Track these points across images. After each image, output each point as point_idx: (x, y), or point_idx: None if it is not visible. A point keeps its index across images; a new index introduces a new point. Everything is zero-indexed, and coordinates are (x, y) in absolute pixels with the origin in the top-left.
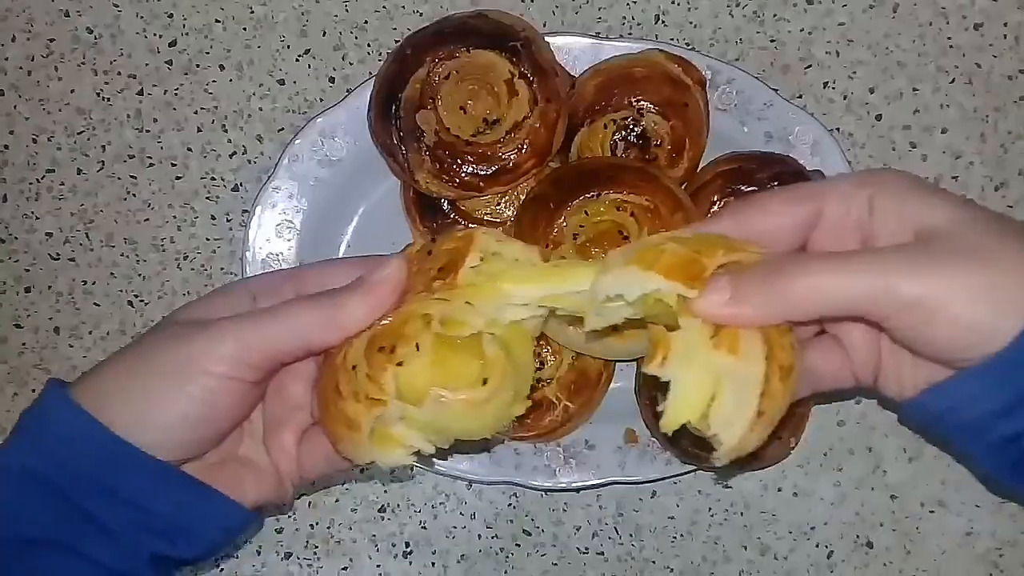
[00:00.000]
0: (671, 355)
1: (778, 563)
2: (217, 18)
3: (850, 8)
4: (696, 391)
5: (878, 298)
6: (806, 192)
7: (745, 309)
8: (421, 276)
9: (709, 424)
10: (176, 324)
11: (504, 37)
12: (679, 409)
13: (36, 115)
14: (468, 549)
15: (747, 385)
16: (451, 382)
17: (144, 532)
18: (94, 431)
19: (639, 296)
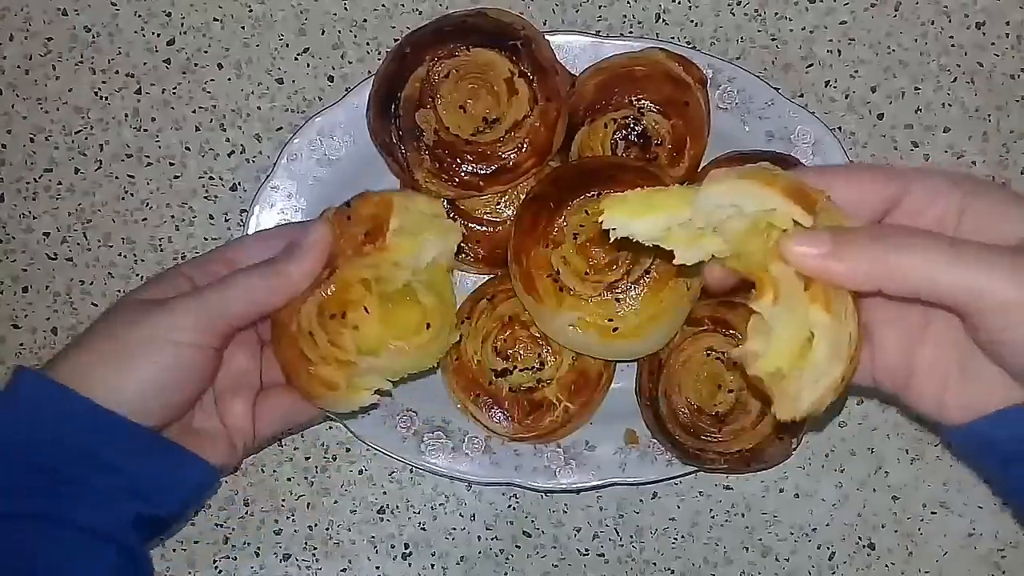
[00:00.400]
0: (780, 296)
1: (779, 564)
2: (215, 17)
3: (852, 7)
4: (791, 340)
5: (982, 292)
6: (896, 173)
7: (840, 267)
8: (348, 240)
9: (797, 376)
10: (132, 305)
11: (504, 36)
12: (779, 352)
13: (34, 114)
14: (468, 550)
15: (838, 346)
16: (400, 332)
17: (125, 494)
18: (72, 400)
19: (751, 213)
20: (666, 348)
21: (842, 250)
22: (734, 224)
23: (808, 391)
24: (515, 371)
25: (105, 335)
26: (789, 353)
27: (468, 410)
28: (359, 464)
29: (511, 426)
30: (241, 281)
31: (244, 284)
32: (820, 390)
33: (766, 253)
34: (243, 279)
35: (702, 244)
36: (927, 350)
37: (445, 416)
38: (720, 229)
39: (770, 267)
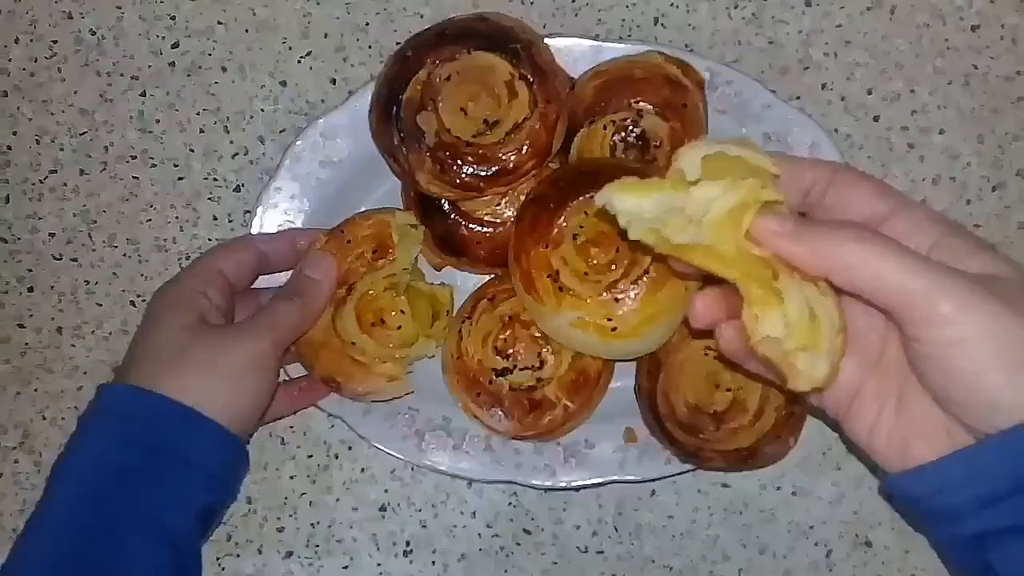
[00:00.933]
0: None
1: (777, 562)
2: (219, 20)
3: (848, 10)
4: (800, 315)
5: (922, 300)
6: (890, 193)
7: (798, 248)
8: (356, 259)
9: (816, 350)
10: (203, 329)
11: (504, 39)
12: (799, 330)
13: (39, 116)
14: (468, 548)
15: (833, 320)
16: (422, 324)
17: (201, 490)
18: (162, 404)
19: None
20: (665, 347)
21: (803, 232)
22: (715, 209)
23: (820, 362)
24: (515, 370)
25: (194, 358)
26: (805, 329)
27: (469, 409)
28: (361, 463)
29: (511, 425)
30: (283, 310)
31: (287, 313)
32: (833, 361)
33: (739, 245)
34: (285, 308)
35: (688, 231)
36: (874, 379)
37: (446, 415)
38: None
39: (742, 258)
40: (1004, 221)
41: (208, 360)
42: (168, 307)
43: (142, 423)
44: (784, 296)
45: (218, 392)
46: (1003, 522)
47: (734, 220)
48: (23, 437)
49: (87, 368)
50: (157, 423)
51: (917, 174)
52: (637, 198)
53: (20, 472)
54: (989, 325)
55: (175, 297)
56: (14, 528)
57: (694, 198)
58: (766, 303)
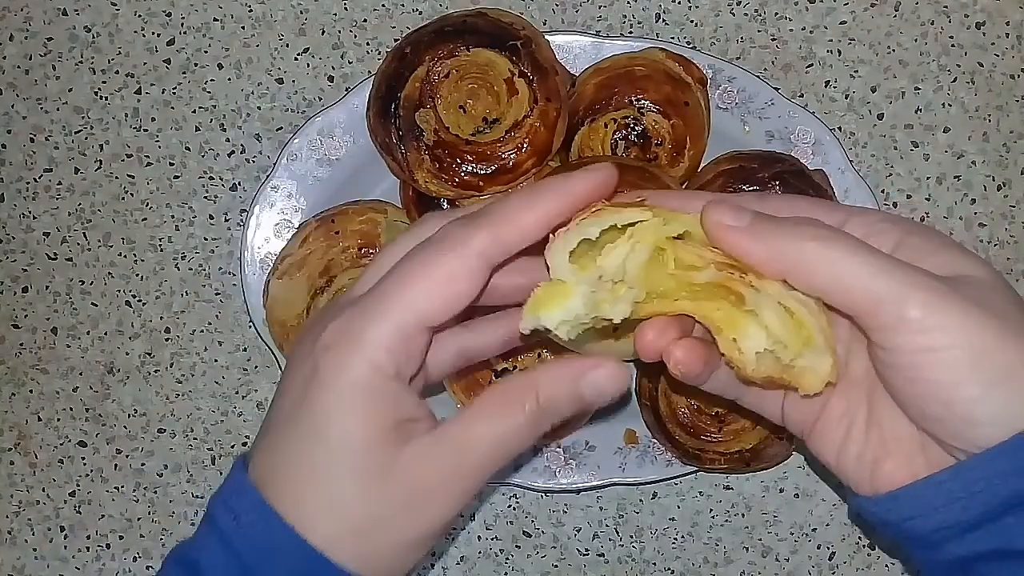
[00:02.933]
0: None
1: (779, 564)
2: (215, 17)
3: (852, 7)
4: (781, 319)
5: (892, 302)
6: (835, 207)
7: (755, 246)
8: (342, 253)
9: (811, 346)
10: (388, 445)
11: (504, 36)
12: (787, 338)
13: (33, 114)
14: (468, 550)
15: (811, 307)
16: None
17: None
18: (296, 545)
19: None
20: None
21: (760, 229)
22: (632, 268)
23: (822, 353)
24: (515, 371)
25: (368, 511)
26: (791, 330)
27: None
28: None
29: None
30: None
31: (517, 438)
32: (829, 344)
33: (680, 283)
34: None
35: (623, 299)
36: (840, 393)
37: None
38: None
39: (690, 292)
40: (1009, 220)
41: (377, 517)
42: (345, 392)
43: (272, 562)
44: (756, 307)
45: (382, 558)
46: (988, 545)
47: (660, 264)
48: (18, 438)
49: (82, 369)
50: (287, 574)
51: (921, 172)
52: (561, 305)
53: (15, 473)
54: (962, 331)
55: (353, 376)
56: (9, 530)
57: (607, 271)
58: (735, 323)
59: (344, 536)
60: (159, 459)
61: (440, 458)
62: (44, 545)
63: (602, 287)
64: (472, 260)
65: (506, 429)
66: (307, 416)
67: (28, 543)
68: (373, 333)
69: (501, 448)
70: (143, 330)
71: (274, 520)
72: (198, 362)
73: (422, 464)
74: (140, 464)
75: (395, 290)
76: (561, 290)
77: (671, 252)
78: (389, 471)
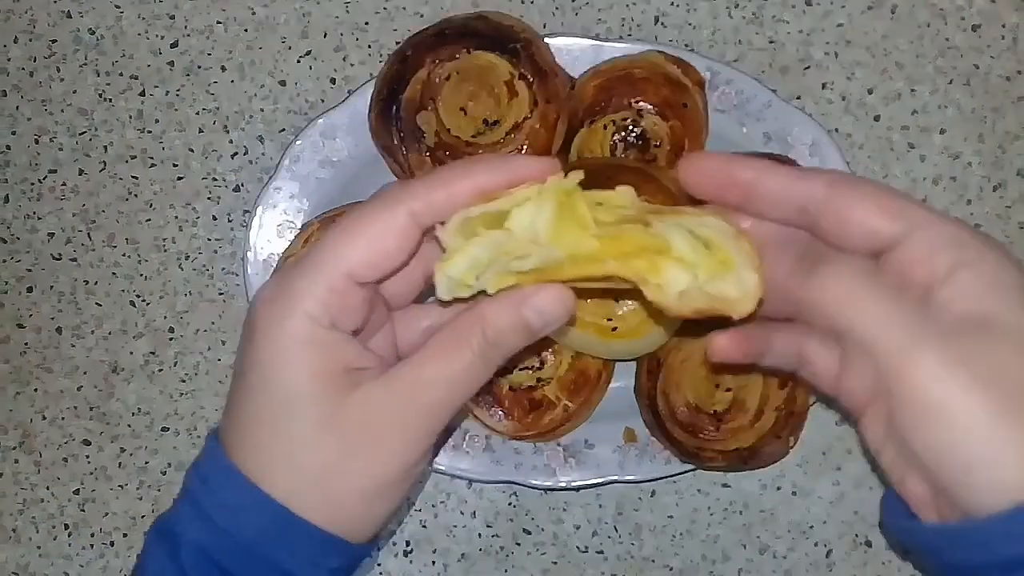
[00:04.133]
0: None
1: (777, 562)
2: (219, 20)
3: (848, 9)
4: (692, 248)
5: (887, 357)
6: (896, 208)
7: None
8: None
9: (728, 268)
10: (328, 388)
11: (504, 39)
12: (699, 261)
13: (38, 116)
14: (468, 548)
15: (724, 229)
16: None
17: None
18: (258, 501)
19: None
20: (664, 347)
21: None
22: (542, 225)
23: (743, 273)
24: (515, 370)
25: (315, 460)
26: (706, 258)
27: (469, 408)
28: None
29: (511, 425)
30: (443, 368)
31: (452, 375)
32: (748, 262)
33: (596, 237)
34: (445, 366)
35: (535, 254)
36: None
37: None
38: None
39: (610, 246)
40: (1005, 221)
41: (331, 464)
42: (283, 344)
43: (238, 520)
44: (667, 240)
45: (343, 506)
46: None
47: (572, 221)
48: (23, 437)
49: (87, 368)
50: (251, 530)
51: (918, 174)
52: (463, 255)
53: (20, 472)
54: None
55: (288, 327)
56: (13, 528)
57: (516, 229)
58: (655, 267)
59: (303, 486)
60: (163, 457)
61: (390, 400)
62: (48, 543)
63: (513, 243)
64: (401, 218)
65: (456, 367)
66: (253, 371)
67: (32, 541)
68: (305, 286)
69: (454, 387)
70: (147, 330)
71: (238, 478)
72: (202, 361)
73: (371, 407)
74: (144, 462)
75: (328, 246)
76: (463, 246)
77: (583, 209)
78: (337, 416)
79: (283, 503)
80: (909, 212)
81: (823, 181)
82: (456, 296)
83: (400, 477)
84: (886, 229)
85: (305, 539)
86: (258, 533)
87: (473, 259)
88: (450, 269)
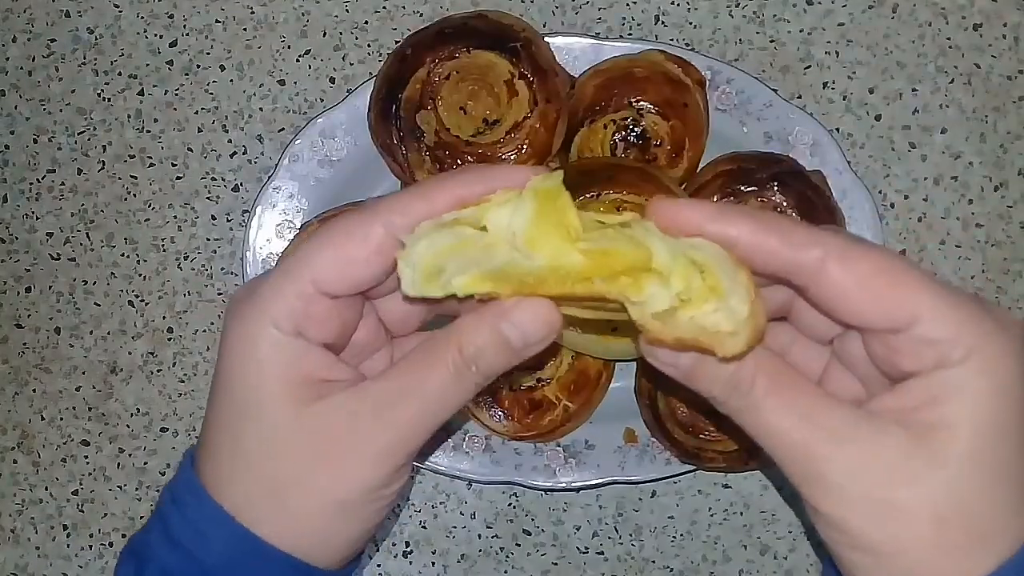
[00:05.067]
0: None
1: (778, 562)
2: (218, 19)
3: (849, 8)
4: (681, 263)
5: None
6: (907, 291)
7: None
8: None
9: (718, 296)
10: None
11: (504, 38)
12: (684, 278)
13: (37, 115)
14: (468, 549)
15: (719, 255)
16: None
17: None
18: (221, 522)
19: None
20: None
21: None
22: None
23: (734, 303)
24: (515, 370)
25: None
26: (695, 278)
27: (468, 409)
28: None
29: (511, 425)
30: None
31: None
32: (743, 292)
33: (580, 251)
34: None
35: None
36: None
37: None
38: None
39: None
40: (1006, 220)
41: (319, 489)
42: (256, 372)
43: (205, 543)
44: (649, 248)
45: (324, 533)
46: None
47: (554, 225)
48: (21, 437)
49: (85, 368)
50: (216, 556)
51: (919, 173)
52: (424, 240)
53: (18, 472)
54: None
55: (251, 332)
56: (12, 528)
57: (492, 228)
58: (639, 284)
59: (258, 498)
60: (162, 458)
61: (356, 413)
62: (47, 543)
63: (486, 240)
64: (374, 228)
65: (429, 384)
66: (217, 378)
67: (31, 541)
68: (271, 292)
69: (426, 404)
70: (146, 330)
71: (203, 497)
72: (200, 361)
73: (334, 419)
74: (143, 463)
75: (299, 254)
76: (429, 233)
77: (571, 216)
78: (294, 425)
79: (243, 522)
80: (908, 302)
81: (816, 256)
82: (425, 295)
83: (365, 497)
84: (881, 323)
85: (269, 565)
86: (222, 559)
87: (433, 244)
88: (409, 255)
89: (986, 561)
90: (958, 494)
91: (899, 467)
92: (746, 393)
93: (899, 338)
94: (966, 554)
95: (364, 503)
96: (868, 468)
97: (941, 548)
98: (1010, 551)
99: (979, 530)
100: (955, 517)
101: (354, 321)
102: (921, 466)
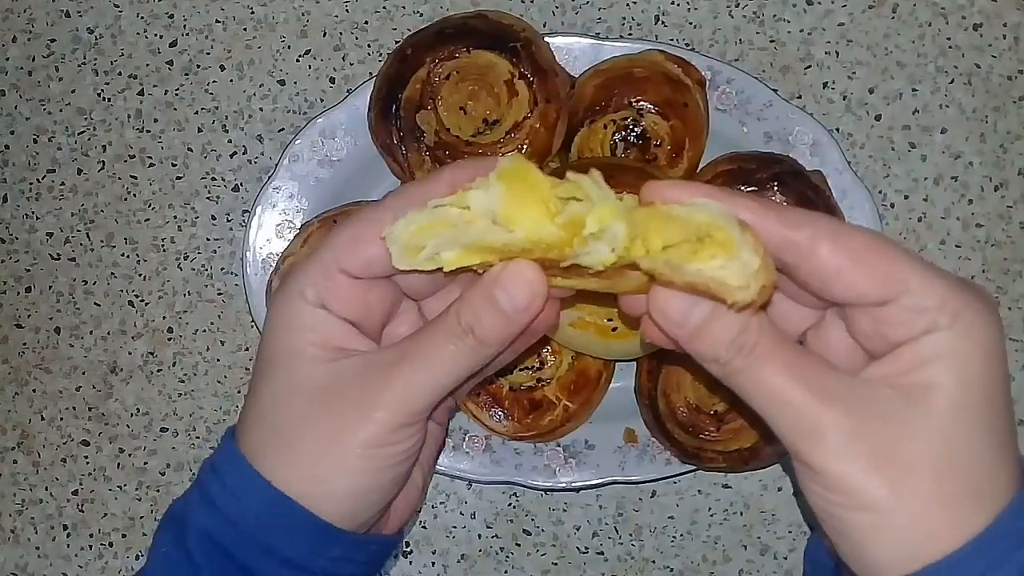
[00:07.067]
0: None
1: (778, 562)
2: (218, 19)
3: (849, 8)
4: (611, 209)
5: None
6: (895, 267)
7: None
8: None
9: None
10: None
11: (504, 38)
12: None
13: (37, 115)
14: (468, 548)
15: (725, 213)
16: None
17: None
18: (256, 485)
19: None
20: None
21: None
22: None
23: (747, 255)
24: (515, 370)
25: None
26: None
27: (469, 409)
28: None
29: (511, 425)
30: (438, 350)
31: (443, 357)
32: (755, 258)
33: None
34: (440, 347)
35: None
36: None
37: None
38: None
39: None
40: (1006, 220)
41: (323, 436)
42: (283, 335)
43: (240, 506)
44: (593, 207)
45: (330, 483)
46: None
47: (531, 203)
48: (21, 437)
49: (85, 368)
50: (252, 517)
51: (919, 173)
52: (405, 218)
53: (18, 472)
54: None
55: (286, 318)
56: (12, 528)
57: (473, 208)
58: (585, 241)
59: (268, 442)
60: (162, 458)
61: (362, 372)
62: (47, 544)
63: (468, 217)
64: (387, 214)
65: (430, 349)
66: (259, 348)
67: (31, 541)
68: (301, 271)
69: (428, 365)
70: (146, 330)
71: (240, 461)
72: (200, 361)
73: (345, 375)
74: (143, 463)
75: (327, 239)
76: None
77: (547, 192)
78: (311, 373)
79: (256, 467)
80: (897, 274)
81: (809, 234)
82: (414, 267)
83: (366, 451)
84: (874, 294)
85: (300, 526)
86: (257, 520)
87: (410, 223)
88: (391, 233)
89: (979, 515)
90: (953, 449)
91: (897, 423)
92: (747, 354)
93: (888, 309)
94: (961, 508)
95: (365, 456)
96: (867, 425)
97: (940, 501)
98: (1000, 505)
99: (973, 484)
100: (951, 471)
101: (381, 308)
102: (918, 422)
